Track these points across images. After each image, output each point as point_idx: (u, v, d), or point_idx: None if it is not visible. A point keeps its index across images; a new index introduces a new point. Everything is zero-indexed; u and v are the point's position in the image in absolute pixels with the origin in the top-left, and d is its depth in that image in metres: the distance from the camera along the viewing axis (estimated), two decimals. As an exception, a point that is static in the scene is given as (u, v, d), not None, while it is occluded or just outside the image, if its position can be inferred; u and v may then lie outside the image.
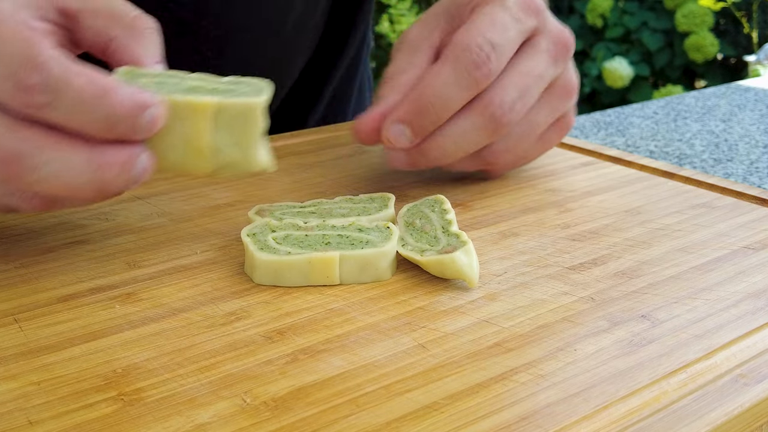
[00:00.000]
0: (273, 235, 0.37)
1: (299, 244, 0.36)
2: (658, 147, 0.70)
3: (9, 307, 0.33)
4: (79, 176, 0.33)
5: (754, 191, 0.46)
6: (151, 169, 0.35)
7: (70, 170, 0.33)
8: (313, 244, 0.36)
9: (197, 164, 0.36)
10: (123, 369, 0.29)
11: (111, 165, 0.33)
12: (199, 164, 0.36)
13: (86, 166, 0.33)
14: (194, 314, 0.33)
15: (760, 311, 0.33)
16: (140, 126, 0.33)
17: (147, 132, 0.33)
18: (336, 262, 0.35)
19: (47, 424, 0.26)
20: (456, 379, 0.28)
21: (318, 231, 0.37)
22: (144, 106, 0.33)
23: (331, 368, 0.29)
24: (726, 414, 0.27)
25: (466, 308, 0.33)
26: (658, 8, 3.04)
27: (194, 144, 0.35)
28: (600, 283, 0.36)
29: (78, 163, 0.33)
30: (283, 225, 0.37)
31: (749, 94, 0.89)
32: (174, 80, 0.36)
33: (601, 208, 0.44)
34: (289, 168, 0.51)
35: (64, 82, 0.31)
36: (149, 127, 0.33)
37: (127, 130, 0.33)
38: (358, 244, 0.36)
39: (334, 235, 0.37)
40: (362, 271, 0.35)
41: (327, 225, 0.38)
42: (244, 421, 0.26)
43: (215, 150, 0.35)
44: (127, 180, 0.34)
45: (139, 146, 0.34)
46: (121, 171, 0.33)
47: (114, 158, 0.33)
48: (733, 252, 0.39)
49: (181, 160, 0.35)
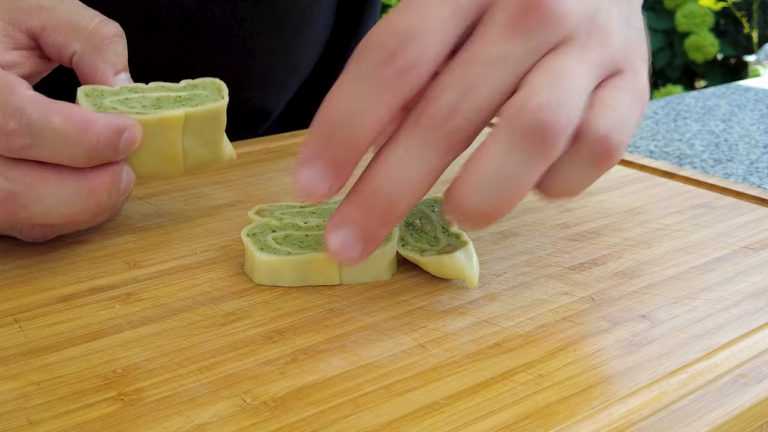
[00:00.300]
0: (273, 235, 0.37)
1: (299, 244, 0.36)
2: (658, 147, 0.70)
3: (9, 307, 0.33)
4: (73, 206, 0.35)
5: (754, 191, 0.46)
6: (133, 181, 0.37)
7: (63, 202, 0.34)
8: (313, 244, 0.36)
9: (171, 169, 0.39)
10: (123, 369, 0.29)
11: (100, 188, 0.35)
12: (173, 168, 0.39)
13: (77, 194, 0.34)
14: (194, 314, 0.33)
15: (760, 311, 0.33)
16: (120, 149, 0.35)
17: (126, 153, 0.35)
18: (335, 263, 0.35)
19: (47, 424, 0.26)
20: (456, 379, 0.28)
21: (318, 231, 0.37)
22: (120, 130, 0.35)
23: (331, 368, 0.29)
24: (726, 414, 0.27)
25: (466, 308, 0.33)
26: (658, 8, 3.04)
27: (167, 153, 0.38)
28: (600, 283, 0.36)
29: (70, 194, 0.34)
30: (283, 225, 0.37)
31: (749, 94, 0.89)
32: (137, 95, 0.38)
33: (601, 208, 0.44)
34: (289, 168, 0.51)
35: (43, 124, 0.33)
36: (128, 148, 0.35)
37: (109, 156, 0.35)
38: None
39: None
40: (362, 271, 0.35)
41: None
42: (244, 421, 0.26)
43: (186, 154, 0.38)
44: (117, 197, 0.36)
45: (121, 164, 0.36)
46: (111, 190, 0.35)
47: (101, 181, 0.35)
48: (733, 252, 0.39)
49: (157, 168, 0.38)
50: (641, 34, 0.34)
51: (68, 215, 0.35)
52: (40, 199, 0.34)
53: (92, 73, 0.38)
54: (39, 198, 0.34)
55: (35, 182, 0.34)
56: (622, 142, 0.30)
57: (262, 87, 0.62)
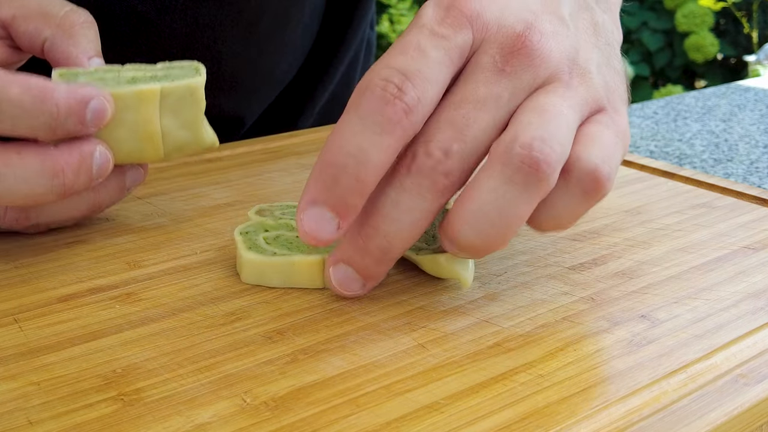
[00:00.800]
0: (264, 234, 0.37)
1: (287, 246, 0.36)
2: (658, 147, 0.70)
3: (9, 307, 0.33)
4: (36, 185, 0.33)
5: (754, 191, 0.46)
6: (110, 162, 0.35)
7: (25, 181, 0.33)
8: (302, 246, 0.36)
9: (150, 151, 0.38)
10: (123, 369, 0.29)
11: (66, 167, 0.33)
12: (152, 151, 0.38)
13: (40, 173, 0.33)
14: (194, 314, 0.33)
15: (760, 311, 0.33)
16: (86, 120, 0.33)
17: (95, 125, 0.34)
18: (319, 266, 0.35)
19: (47, 424, 0.26)
20: (456, 379, 0.28)
21: None
22: (85, 100, 0.33)
23: (331, 368, 0.29)
24: (726, 414, 0.27)
25: (466, 308, 0.33)
26: (658, 8, 3.04)
27: (145, 132, 0.37)
28: (600, 283, 0.36)
29: (31, 172, 0.33)
30: (277, 225, 0.37)
31: (749, 94, 0.89)
32: (111, 74, 0.38)
33: (601, 208, 0.44)
34: (289, 168, 0.51)
35: (0, 95, 0.32)
36: (96, 120, 0.33)
37: (74, 128, 0.33)
38: None
39: None
40: None
41: None
42: (244, 421, 0.26)
43: (165, 135, 0.37)
44: (89, 178, 0.34)
45: (92, 142, 0.34)
46: (79, 170, 0.34)
47: (67, 159, 0.33)
48: (733, 252, 0.39)
49: (135, 150, 0.37)
50: (621, 76, 0.35)
51: (31, 196, 0.33)
52: (1, 180, 0.32)
53: (64, 58, 0.37)
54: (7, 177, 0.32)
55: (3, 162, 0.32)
56: (611, 174, 0.31)
57: (232, 93, 0.60)
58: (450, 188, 0.31)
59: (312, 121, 0.69)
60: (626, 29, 3.01)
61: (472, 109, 0.31)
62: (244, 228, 0.37)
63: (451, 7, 0.31)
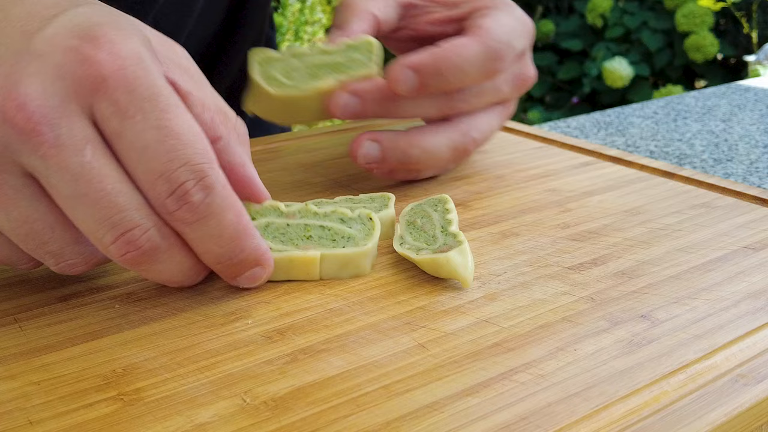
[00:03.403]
0: (254, 223, 0.36)
1: (280, 237, 0.36)
2: (658, 147, 0.70)
3: (9, 307, 0.33)
4: (186, 278, 0.33)
5: (753, 191, 0.46)
6: None
7: (180, 272, 0.33)
8: (294, 238, 0.36)
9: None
10: (123, 369, 0.29)
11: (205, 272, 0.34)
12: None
13: (195, 269, 0.33)
14: (194, 313, 0.33)
15: (760, 311, 0.33)
16: (240, 276, 0.34)
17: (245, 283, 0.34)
18: (317, 262, 0.35)
19: (47, 424, 0.26)
20: (456, 379, 0.28)
21: (300, 219, 0.37)
22: (260, 261, 0.33)
23: (331, 368, 0.29)
24: (726, 414, 0.27)
25: (466, 308, 0.33)
26: (658, 8, 3.04)
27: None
28: (600, 283, 0.36)
29: (189, 267, 0.33)
30: (263, 210, 0.37)
31: (749, 94, 0.89)
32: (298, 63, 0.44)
33: (601, 208, 0.44)
34: (289, 168, 0.51)
35: (217, 213, 0.31)
36: (251, 281, 0.34)
37: (227, 272, 0.33)
38: (339, 240, 0.36)
39: (316, 227, 0.37)
40: (342, 268, 0.36)
41: (309, 211, 0.37)
42: (244, 421, 0.26)
43: None
44: None
45: None
46: None
47: None
48: (733, 252, 0.39)
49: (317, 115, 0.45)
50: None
51: (174, 281, 0.33)
52: (169, 261, 0.32)
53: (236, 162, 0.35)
54: (170, 260, 0.32)
55: (177, 247, 0.32)
56: None
57: None
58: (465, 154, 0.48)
59: None
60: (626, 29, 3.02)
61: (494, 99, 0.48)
62: None
63: None
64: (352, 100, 0.44)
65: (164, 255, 0.32)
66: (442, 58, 0.43)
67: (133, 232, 0.30)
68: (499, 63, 0.45)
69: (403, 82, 0.43)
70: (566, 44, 3.14)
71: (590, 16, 3.07)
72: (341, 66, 0.44)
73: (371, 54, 0.44)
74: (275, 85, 0.44)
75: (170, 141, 0.30)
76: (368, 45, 0.45)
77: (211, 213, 0.31)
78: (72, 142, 0.29)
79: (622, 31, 3.03)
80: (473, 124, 0.47)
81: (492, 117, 0.49)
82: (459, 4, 0.50)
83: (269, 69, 0.44)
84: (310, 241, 0.36)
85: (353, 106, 0.44)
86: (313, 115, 0.45)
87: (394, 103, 0.45)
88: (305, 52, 0.45)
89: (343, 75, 0.44)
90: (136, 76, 0.30)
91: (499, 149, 0.55)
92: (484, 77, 0.45)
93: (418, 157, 0.46)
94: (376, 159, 0.45)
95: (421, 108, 0.46)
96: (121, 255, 0.31)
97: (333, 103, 0.44)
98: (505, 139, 0.57)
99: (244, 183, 0.36)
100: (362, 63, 0.44)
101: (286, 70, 0.44)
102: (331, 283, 0.36)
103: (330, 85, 0.43)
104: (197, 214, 0.31)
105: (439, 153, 0.46)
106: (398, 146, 0.45)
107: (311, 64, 0.44)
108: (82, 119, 0.30)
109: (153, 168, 0.30)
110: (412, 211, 0.40)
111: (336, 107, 0.44)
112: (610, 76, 2.90)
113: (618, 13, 3.04)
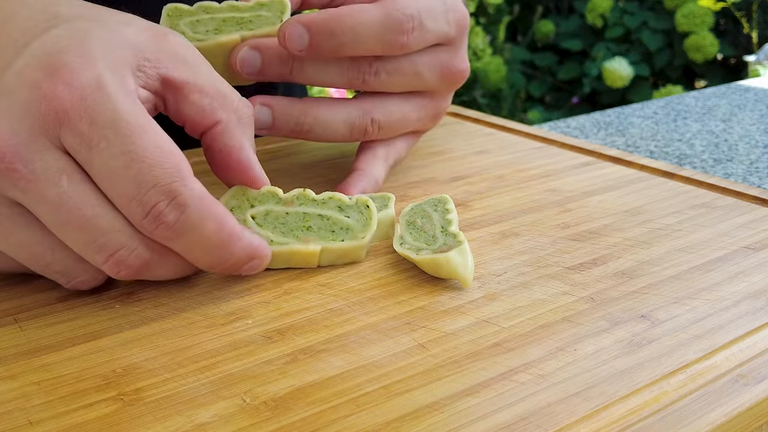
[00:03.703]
0: (252, 212, 0.36)
1: (280, 228, 0.36)
2: (658, 147, 0.70)
3: (9, 307, 0.33)
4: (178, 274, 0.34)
5: (754, 191, 0.46)
6: None
7: (174, 273, 0.34)
8: (294, 229, 0.36)
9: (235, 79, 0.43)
10: (123, 369, 0.29)
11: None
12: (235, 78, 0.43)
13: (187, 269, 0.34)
14: (194, 314, 0.33)
15: (760, 311, 0.33)
16: (243, 269, 0.34)
17: (246, 273, 0.34)
18: (317, 254, 0.36)
19: (47, 424, 0.26)
20: (456, 379, 0.28)
21: (298, 206, 0.37)
22: (254, 256, 0.33)
23: (331, 368, 0.29)
24: (726, 414, 0.27)
25: (466, 308, 0.33)
26: (658, 8, 3.04)
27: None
28: (600, 283, 0.36)
29: (181, 267, 0.34)
30: (261, 196, 0.37)
31: (749, 94, 0.89)
32: (207, 16, 0.43)
33: (601, 208, 0.44)
34: (289, 168, 0.51)
35: (197, 227, 0.31)
36: (250, 271, 0.34)
37: (227, 273, 0.34)
38: (338, 231, 0.37)
39: (315, 216, 0.37)
40: (339, 258, 0.37)
41: (307, 197, 0.37)
42: (244, 421, 0.26)
43: None
44: None
45: None
46: None
47: None
48: (733, 252, 0.39)
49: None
50: None
51: (178, 277, 0.35)
52: (165, 267, 0.33)
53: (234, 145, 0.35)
54: (165, 265, 0.33)
55: (169, 254, 0.33)
56: None
57: None
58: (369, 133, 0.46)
59: None
60: (626, 29, 3.02)
61: (415, 84, 0.46)
62: (227, 203, 0.37)
63: None
64: (251, 54, 0.42)
65: (157, 264, 0.33)
66: (335, 17, 0.41)
67: (120, 253, 0.31)
68: (400, 36, 0.42)
69: (293, 39, 0.41)
70: (566, 44, 3.14)
71: (590, 16, 3.07)
72: (248, 23, 0.43)
73: (282, 14, 0.43)
74: None
75: (136, 165, 0.30)
76: (279, 4, 0.43)
77: (190, 228, 0.31)
78: (47, 175, 0.30)
79: (622, 31, 3.03)
80: (379, 104, 0.45)
81: (406, 104, 0.46)
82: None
83: (178, 22, 0.43)
84: (309, 232, 0.36)
85: (253, 60, 0.42)
86: (217, 71, 0.39)
87: (298, 64, 0.43)
88: (216, 7, 0.43)
89: (249, 31, 0.43)
90: (96, 104, 0.30)
91: (499, 149, 0.55)
92: (383, 48, 0.42)
93: (310, 126, 0.44)
94: (266, 125, 0.43)
95: (327, 74, 0.43)
96: (116, 273, 0.32)
97: (233, 55, 0.43)
98: (505, 139, 0.57)
99: (240, 168, 0.36)
100: (270, 21, 0.43)
101: (194, 24, 0.43)
102: (331, 283, 0.36)
103: (232, 39, 0.42)
104: (175, 231, 0.31)
105: (334, 126, 0.44)
106: (291, 114, 0.43)
107: (219, 19, 0.43)
108: (53, 151, 0.30)
109: (124, 193, 0.30)
110: (412, 211, 0.40)
111: (236, 61, 0.42)
112: (610, 76, 2.90)
113: (618, 13, 3.04)
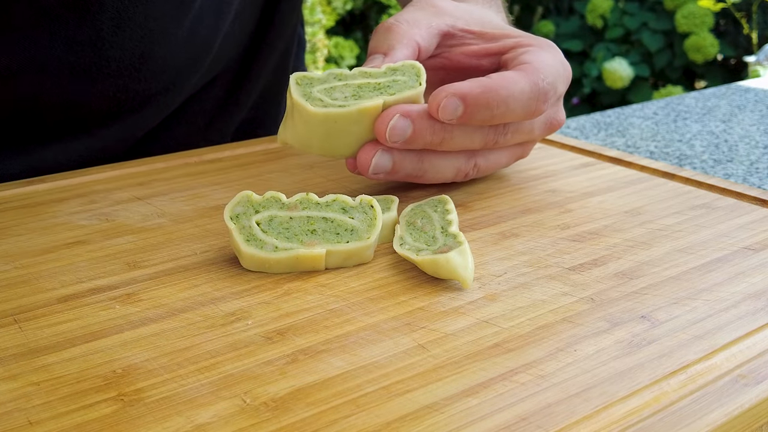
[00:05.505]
0: (257, 218, 0.36)
1: (285, 233, 0.36)
2: (658, 148, 0.70)
3: (9, 307, 0.33)
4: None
5: (754, 192, 0.46)
6: None
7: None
8: (299, 233, 0.36)
9: None
10: (123, 369, 0.29)
11: None
12: None
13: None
14: (194, 314, 0.33)
15: (760, 312, 0.33)
16: None
17: None
18: (323, 258, 0.36)
19: (47, 424, 0.26)
20: (456, 379, 0.28)
21: (302, 210, 0.37)
22: None
23: (331, 369, 0.29)
24: (726, 414, 0.27)
25: (466, 309, 0.33)
26: (658, 9, 3.04)
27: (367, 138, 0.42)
28: (600, 284, 0.36)
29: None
30: (265, 201, 0.37)
31: (749, 94, 0.89)
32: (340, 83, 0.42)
33: (601, 209, 0.44)
34: (289, 168, 0.51)
35: None
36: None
37: None
38: (343, 233, 0.37)
39: (319, 218, 0.37)
40: (346, 259, 0.37)
41: (311, 200, 0.37)
42: (244, 421, 0.26)
43: None
44: None
45: None
46: None
47: None
48: (733, 253, 0.39)
49: None
50: None
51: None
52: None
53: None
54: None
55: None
56: None
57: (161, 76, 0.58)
58: None
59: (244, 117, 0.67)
60: (626, 30, 3.01)
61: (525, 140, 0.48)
62: (233, 210, 0.37)
63: None
64: (403, 123, 0.41)
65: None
66: (490, 90, 0.41)
67: None
68: (542, 104, 0.43)
69: (448, 110, 0.41)
70: (566, 45, 3.14)
71: (590, 16, 3.07)
72: (387, 88, 0.42)
73: (418, 77, 0.42)
74: (317, 105, 0.41)
75: None
76: (414, 68, 0.43)
77: None
78: None
79: (622, 31, 3.03)
80: (486, 153, 0.46)
81: (505, 154, 0.47)
82: (498, 38, 0.48)
83: (310, 89, 0.42)
84: (314, 235, 0.36)
85: (403, 129, 0.41)
86: (356, 140, 0.42)
87: (449, 134, 0.43)
88: (348, 74, 0.42)
89: (390, 96, 0.41)
90: None
91: (499, 150, 0.55)
92: (526, 116, 0.43)
93: (425, 172, 0.44)
94: (386, 170, 0.43)
95: (473, 141, 0.44)
96: None
97: (381, 123, 0.41)
98: (505, 140, 0.57)
99: None
100: (408, 85, 0.42)
101: (328, 91, 0.42)
102: (331, 283, 0.36)
103: (376, 104, 0.41)
104: None
105: (445, 172, 0.45)
106: (410, 159, 0.43)
107: (354, 86, 0.42)
108: None
109: None
110: (412, 212, 0.40)
111: (384, 128, 0.41)
112: (610, 77, 2.90)
113: (618, 13, 3.04)
